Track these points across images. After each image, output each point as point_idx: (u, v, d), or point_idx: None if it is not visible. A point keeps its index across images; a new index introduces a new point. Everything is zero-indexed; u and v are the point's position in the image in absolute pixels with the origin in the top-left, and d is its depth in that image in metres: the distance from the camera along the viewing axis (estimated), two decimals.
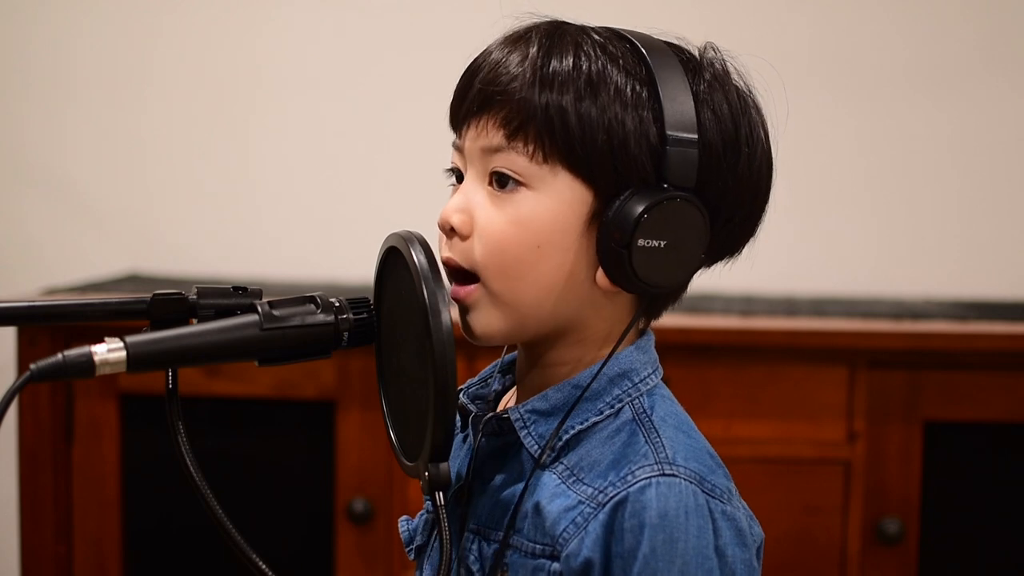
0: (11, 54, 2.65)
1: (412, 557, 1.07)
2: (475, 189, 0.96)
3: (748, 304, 2.24)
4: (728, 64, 0.98)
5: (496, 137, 0.94)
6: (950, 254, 2.54)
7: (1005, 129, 2.52)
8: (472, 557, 0.97)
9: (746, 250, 1.02)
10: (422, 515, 1.07)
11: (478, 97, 0.95)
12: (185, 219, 2.64)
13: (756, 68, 1.03)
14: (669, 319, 1.04)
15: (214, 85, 2.63)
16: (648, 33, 0.98)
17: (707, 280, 1.02)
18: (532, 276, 0.94)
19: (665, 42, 0.98)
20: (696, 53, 0.98)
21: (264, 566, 0.92)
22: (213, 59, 2.63)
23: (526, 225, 0.93)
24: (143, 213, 2.65)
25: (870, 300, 2.38)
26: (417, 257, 0.91)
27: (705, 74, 0.96)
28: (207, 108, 2.63)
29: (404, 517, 1.09)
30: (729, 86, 0.96)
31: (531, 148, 0.93)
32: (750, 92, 0.99)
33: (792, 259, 2.52)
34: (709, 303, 2.20)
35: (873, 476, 1.96)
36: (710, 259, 1.00)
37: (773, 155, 0.99)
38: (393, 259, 0.96)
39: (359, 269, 2.22)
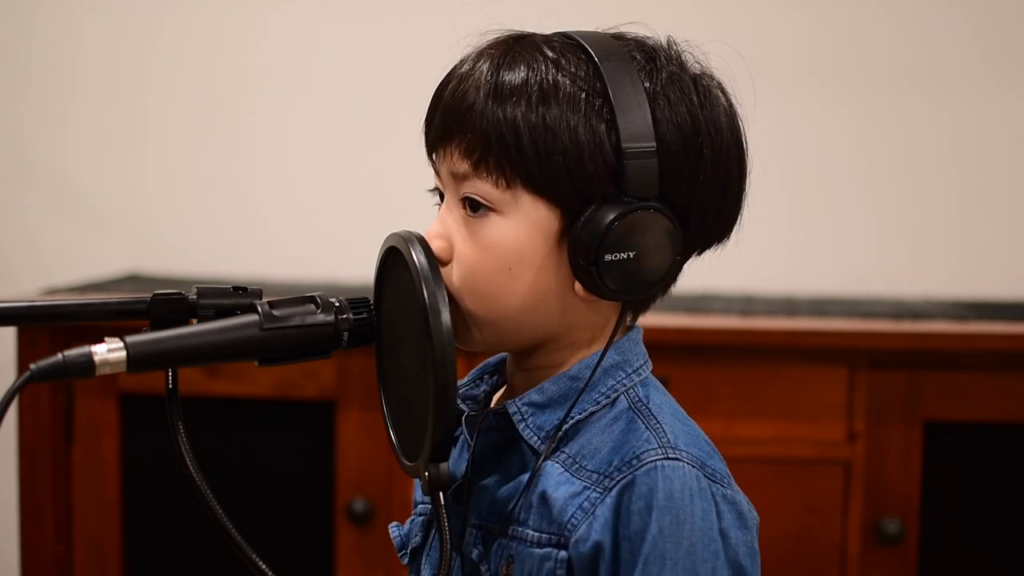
0: (11, 54, 2.65)
1: (406, 562, 1.07)
2: (452, 213, 0.97)
3: (748, 304, 2.24)
4: (684, 55, 0.97)
5: (462, 165, 0.94)
6: (950, 254, 2.54)
7: (1005, 129, 2.52)
8: (476, 552, 0.97)
9: (745, 249, 1.02)
10: (413, 519, 1.08)
11: (441, 126, 0.96)
12: (185, 219, 2.64)
13: (753, 69, 1.03)
14: (669, 319, 1.05)
15: (214, 85, 2.63)
16: (606, 31, 0.98)
17: (707, 280, 1.02)
18: (506, 297, 0.95)
19: (623, 41, 0.97)
20: (656, 48, 0.97)
21: (264, 566, 0.92)
22: (213, 60, 2.63)
23: (495, 250, 0.94)
24: (143, 213, 2.65)
25: (870, 300, 2.38)
26: (417, 257, 0.92)
27: (662, 73, 0.95)
28: (207, 108, 2.63)
29: (394, 524, 1.09)
30: (685, 79, 0.95)
31: (494, 176, 0.93)
32: (712, 77, 0.98)
33: (792, 259, 2.52)
34: (709, 303, 2.20)
35: (873, 476, 1.96)
36: (697, 250, 1.00)
37: (744, 138, 0.98)
38: (393, 259, 0.97)
39: (359, 269, 2.21)
